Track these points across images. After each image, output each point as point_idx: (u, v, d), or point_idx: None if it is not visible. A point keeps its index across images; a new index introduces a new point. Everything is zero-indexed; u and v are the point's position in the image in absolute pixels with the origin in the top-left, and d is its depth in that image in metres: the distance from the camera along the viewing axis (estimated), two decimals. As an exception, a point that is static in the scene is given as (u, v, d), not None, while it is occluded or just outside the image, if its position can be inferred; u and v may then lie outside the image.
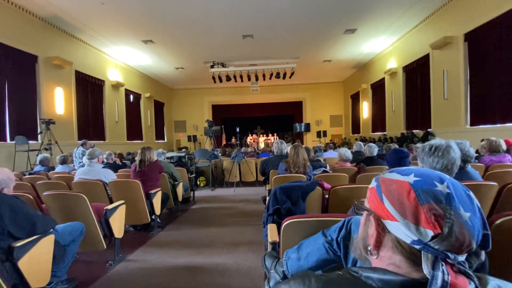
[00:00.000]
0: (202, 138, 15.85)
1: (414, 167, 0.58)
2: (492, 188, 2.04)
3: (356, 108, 14.49)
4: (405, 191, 0.52)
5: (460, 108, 6.89)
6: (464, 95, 6.78)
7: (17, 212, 1.70)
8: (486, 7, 5.88)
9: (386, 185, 0.55)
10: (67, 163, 4.96)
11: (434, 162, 1.33)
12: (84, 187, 3.06)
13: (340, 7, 7.38)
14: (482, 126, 6.37)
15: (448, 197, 0.49)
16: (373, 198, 0.57)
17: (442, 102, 7.54)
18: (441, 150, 1.32)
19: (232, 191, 6.09)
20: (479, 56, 6.39)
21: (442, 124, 7.66)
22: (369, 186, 0.61)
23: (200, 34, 8.86)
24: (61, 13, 7.22)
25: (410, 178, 0.53)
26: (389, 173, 0.58)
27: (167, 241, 3.15)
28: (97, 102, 9.80)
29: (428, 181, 0.52)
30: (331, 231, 1.13)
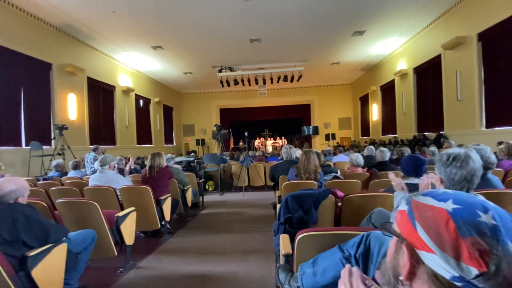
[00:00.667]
0: (210, 141, 15.94)
1: (451, 191, 0.52)
2: (514, 196, 1.95)
3: (365, 111, 14.28)
4: (443, 220, 0.46)
5: (474, 110, 6.69)
6: (478, 96, 6.58)
7: (32, 221, 1.71)
8: (500, 6, 5.71)
9: (420, 211, 0.50)
10: (79, 168, 5.04)
11: (452, 173, 1.26)
12: (96, 193, 3.09)
13: (348, 10, 7.32)
14: (498, 128, 6.16)
15: (494, 229, 0.44)
16: (404, 224, 0.52)
17: (456, 103, 7.34)
18: (459, 160, 1.24)
19: (241, 196, 6.06)
20: (493, 56, 6.20)
21: (455, 126, 7.45)
22: (399, 207, 0.56)
23: (208, 39, 8.93)
24: (74, 22, 7.41)
25: (448, 205, 0.48)
26: (423, 196, 0.53)
27: (177, 247, 3.14)
28: (108, 108, 9.99)
29: (470, 210, 0.46)
30: (349, 246, 1.08)
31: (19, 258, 1.66)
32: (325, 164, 3.76)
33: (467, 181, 1.25)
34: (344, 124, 16.27)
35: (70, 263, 1.96)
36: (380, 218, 1.84)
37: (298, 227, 2.04)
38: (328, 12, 7.41)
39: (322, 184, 2.94)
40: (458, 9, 7.09)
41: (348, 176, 3.40)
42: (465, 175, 1.24)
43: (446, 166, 1.30)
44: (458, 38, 6.87)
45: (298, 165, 3.02)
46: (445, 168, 1.30)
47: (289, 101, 16.51)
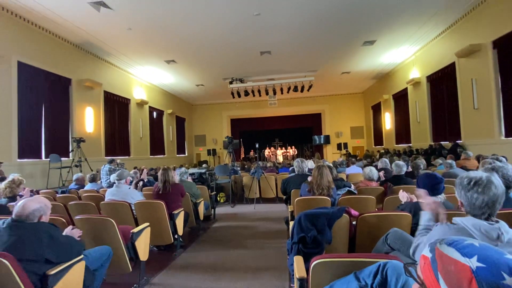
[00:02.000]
0: (221, 151, 16.07)
1: (477, 243, 0.51)
2: (540, 216, 1.85)
3: (377, 119, 14.07)
4: (466, 278, 0.46)
5: (492, 118, 6.47)
6: (496, 104, 6.37)
7: (55, 239, 1.78)
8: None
9: (443, 263, 0.50)
10: (96, 181, 5.19)
11: (473, 198, 1.22)
12: (111, 208, 3.17)
13: (358, 20, 7.35)
14: (519, 138, 5.92)
15: None
16: (427, 272, 0.52)
17: (472, 112, 7.13)
18: (481, 185, 1.20)
19: (252, 208, 6.04)
20: (510, 63, 6.03)
21: (473, 135, 7.21)
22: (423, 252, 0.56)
23: (219, 52, 9.15)
24: (92, 39, 7.79)
25: (473, 263, 0.47)
26: (448, 246, 0.52)
27: (190, 263, 3.15)
28: (123, 120, 10.31)
29: (495, 271, 0.46)
30: (365, 275, 1.07)
31: (41, 276, 1.71)
32: (338, 178, 3.71)
33: (488, 207, 1.21)
34: (357, 133, 16.06)
35: (87, 280, 2.01)
36: (396, 239, 1.80)
37: (312, 247, 2.01)
38: (337, 23, 7.47)
39: (336, 200, 2.90)
40: (470, 17, 6.99)
41: (362, 191, 3.34)
42: (486, 201, 1.20)
43: (467, 190, 1.26)
44: (472, 46, 6.74)
45: (311, 180, 2.99)
46: (466, 192, 1.26)
47: (300, 111, 16.51)
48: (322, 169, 2.85)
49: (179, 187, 3.57)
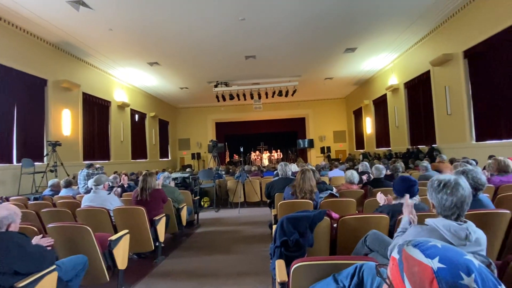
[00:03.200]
0: (206, 155, 15.90)
1: (440, 244, 0.54)
2: (504, 216, 1.99)
3: (359, 124, 14.50)
4: (428, 279, 0.48)
5: (464, 124, 6.85)
6: (467, 111, 6.77)
7: (25, 250, 1.68)
8: (484, 25, 5.99)
9: (408, 264, 0.52)
10: (72, 186, 4.96)
11: (443, 199, 1.29)
12: (88, 214, 3.04)
13: (340, 28, 7.58)
14: (488, 142, 6.30)
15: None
16: (395, 274, 0.54)
17: (446, 117, 7.52)
18: (449, 187, 1.28)
19: (236, 212, 6.00)
20: (480, 72, 6.43)
21: (447, 139, 7.60)
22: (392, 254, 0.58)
23: (204, 55, 9.11)
24: (71, 39, 7.51)
25: (435, 264, 0.50)
26: (413, 248, 0.55)
27: (171, 270, 3.07)
28: (103, 123, 9.96)
29: (454, 271, 0.48)
30: (343, 277, 1.09)
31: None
32: (320, 181, 3.77)
33: (457, 208, 1.28)
34: (339, 137, 16.45)
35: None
36: (374, 241, 1.86)
37: (294, 250, 2.03)
38: (320, 30, 7.67)
39: (318, 204, 2.95)
40: (444, 28, 7.41)
41: (343, 194, 3.41)
42: (455, 202, 1.27)
43: (437, 192, 1.33)
44: (445, 55, 7.14)
45: (294, 183, 3.02)
46: (436, 194, 1.34)
47: (284, 115, 16.70)
48: (306, 173, 2.89)
49: (160, 192, 3.46)
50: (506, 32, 5.55)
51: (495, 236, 1.98)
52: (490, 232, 1.87)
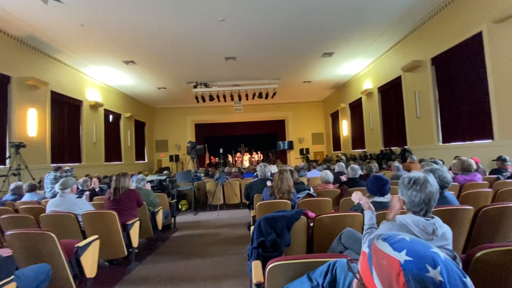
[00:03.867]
0: (185, 157, 15.56)
1: (408, 238, 0.55)
2: (468, 212, 2.11)
3: (336, 126, 14.94)
4: (395, 272, 0.49)
5: (432, 127, 7.29)
6: (435, 114, 7.20)
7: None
8: (450, 34, 6.43)
9: (377, 258, 0.53)
10: (36, 190, 4.62)
11: (412, 195, 1.36)
12: (54, 220, 2.84)
13: (318, 32, 7.78)
14: (453, 143, 6.74)
15: (440, 287, 0.46)
16: (364, 267, 0.54)
17: (416, 120, 7.95)
18: (419, 184, 1.35)
19: (215, 215, 5.91)
20: (445, 78, 6.89)
21: (417, 141, 8.03)
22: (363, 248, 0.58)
23: (183, 55, 8.93)
24: (38, 34, 7.04)
25: (402, 257, 0.50)
26: (382, 241, 0.55)
27: (145, 276, 2.94)
28: (73, 123, 9.42)
29: (420, 264, 0.48)
30: (317, 275, 1.09)
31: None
32: (298, 182, 3.82)
33: (425, 204, 1.34)
34: (317, 139, 16.84)
35: (18, 304, 1.75)
36: (349, 238, 1.90)
37: (271, 251, 2.02)
38: (299, 34, 7.82)
39: (296, 204, 2.97)
40: (414, 36, 7.85)
41: (320, 194, 3.48)
42: (423, 198, 1.34)
43: (407, 189, 1.39)
44: (415, 62, 7.57)
45: (272, 184, 3.03)
46: (407, 190, 1.40)
47: (265, 117, 16.81)
48: (283, 174, 2.91)
49: (134, 193, 3.32)
50: (467, 42, 6.00)
51: (460, 231, 2.10)
52: (456, 227, 1.98)
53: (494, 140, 5.47)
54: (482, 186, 3.24)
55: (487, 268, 1.24)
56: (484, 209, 2.12)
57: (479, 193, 2.89)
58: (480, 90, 5.78)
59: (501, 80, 5.23)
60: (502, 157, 4.47)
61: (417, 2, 6.51)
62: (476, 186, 3.25)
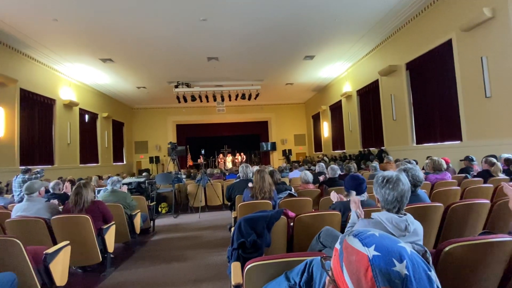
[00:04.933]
0: (166, 159, 15.19)
1: (378, 233, 0.56)
2: (438, 209, 2.22)
3: (317, 128, 15.24)
4: (363, 267, 0.49)
5: (406, 128, 7.63)
6: (409, 117, 7.55)
7: None
8: (423, 41, 6.77)
9: (347, 254, 0.53)
10: (2, 194, 4.31)
11: (386, 194, 1.40)
12: (21, 226, 2.65)
13: (300, 36, 7.91)
14: (426, 144, 7.10)
15: (406, 280, 0.47)
16: (336, 264, 0.54)
17: (392, 122, 8.29)
18: (391, 183, 1.39)
19: (197, 217, 5.81)
20: (418, 82, 7.25)
21: (393, 142, 8.37)
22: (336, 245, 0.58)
23: (163, 54, 8.73)
24: (6, 27, 6.60)
25: (370, 252, 0.50)
26: (353, 237, 0.56)
27: (121, 282, 2.82)
28: (45, 123, 8.90)
29: (387, 258, 0.49)
30: (294, 274, 1.09)
31: None
32: (280, 182, 3.84)
33: (398, 202, 1.39)
34: (299, 140, 17.08)
35: (-23, 318, 1.61)
36: (327, 237, 1.93)
37: (252, 251, 2.01)
38: (281, 36, 7.91)
39: (277, 203, 2.98)
40: (390, 41, 8.20)
41: (301, 194, 3.52)
42: (396, 196, 1.39)
43: (381, 187, 1.44)
44: (391, 66, 7.90)
45: (253, 185, 3.02)
46: (381, 189, 1.44)
47: (248, 118, 16.81)
48: (263, 173, 2.92)
49: (99, 206, 2.96)
50: (438, 49, 6.35)
51: (431, 227, 2.20)
52: (427, 223, 2.08)
53: (462, 141, 5.82)
54: (451, 185, 3.42)
55: (455, 261, 1.31)
56: (453, 206, 2.23)
57: (448, 191, 3.05)
58: (450, 94, 6.14)
59: (468, 85, 5.58)
60: (469, 157, 4.76)
61: (393, 9, 6.80)
62: (446, 185, 3.43)
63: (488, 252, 1.33)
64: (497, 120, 4.99)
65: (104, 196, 3.68)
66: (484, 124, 5.28)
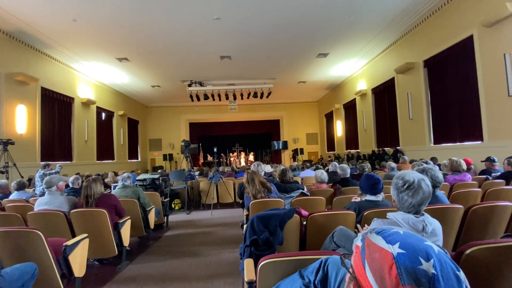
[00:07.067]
0: (179, 156, 15.44)
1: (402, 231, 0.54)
2: (458, 211, 2.14)
3: (330, 127, 15.03)
4: (388, 265, 0.48)
5: (424, 128, 7.39)
6: (426, 116, 7.31)
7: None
8: (442, 37, 6.53)
9: (370, 251, 0.52)
10: (25, 188, 4.51)
11: (403, 199, 1.35)
12: (42, 219, 2.77)
13: (313, 33, 7.81)
14: (444, 144, 6.85)
15: (433, 280, 0.45)
16: (357, 261, 0.53)
17: (408, 122, 8.05)
18: (412, 190, 1.32)
19: (209, 214, 5.88)
20: (437, 80, 7.00)
21: (409, 142, 8.14)
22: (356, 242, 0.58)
23: (177, 54, 8.86)
24: (28, 28, 6.88)
25: (395, 249, 0.49)
26: (376, 235, 0.54)
27: (136, 276, 2.90)
28: (64, 120, 9.25)
29: (413, 256, 0.48)
30: (308, 272, 1.08)
31: None
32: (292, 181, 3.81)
33: (414, 208, 1.34)
34: (312, 139, 16.91)
35: (3, 304, 1.70)
36: (341, 236, 1.90)
37: (264, 249, 2.01)
38: (295, 34, 7.83)
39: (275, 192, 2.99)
40: (407, 38, 7.95)
41: (314, 193, 3.48)
42: (413, 204, 1.33)
43: (400, 191, 1.38)
44: (408, 64, 7.66)
45: (247, 190, 3.01)
46: (399, 193, 1.38)
47: (259, 117, 16.80)
48: (252, 175, 2.92)
49: (110, 198, 3.05)
50: (458, 45, 6.10)
51: (450, 229, 2.13)
52: (446, 226, 2.00)
53: (483, 141, 5.58)
54: (472, 186, 3.29)
55: (476, 264, 1.26)
56: (473, 208, 2.15)
57: (468, 193, 2.93)
58: (470, 92, 5.89)
59: (490, 83, 5.34)
60: (491, 158, 4.55)
61: (410, 5, 6.59)
62: (466, 186, 3.30)
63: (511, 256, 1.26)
64: (522, 119, 4.75)
65: (115, 192, 3.78)
66: (507, 124, 5.03)
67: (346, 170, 3.83)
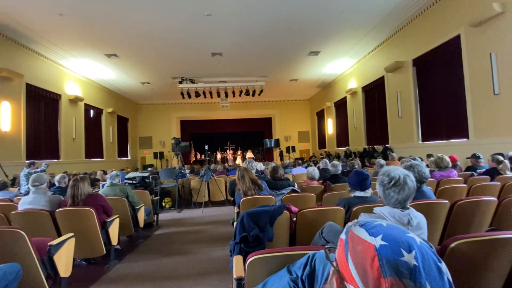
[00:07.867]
0: (170, 154, 15.28)
1: (385, 224, 0.54)
2: (444, 205, 2.19)
3: (321, 125, 15.15)
4: (370, 257, 0.48)
5: (412, 125, 7.53)
6: (415, 114, 7.45)
7: None
8: (430, 36, 6.65)
9: (353, 244, 0.52)
10: (8, 188, 4.37)
11: (389, 196, 1.37)
12: (26, 218, 2.69)
13: (305, 31, 7.82)
14: (432, 142, 7.01)
15: (414, 271, 0.45)
16: (341, 254, 0.53)
17: (397, 119, 8.19)
18: (398, 186, 1.34)
19: (200, 212, 5.84)
20: (425, 79, 7.13)
21: (398, 140, 8.28)
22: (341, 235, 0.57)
23: (168, 50, 8.72)
24: (12, 22, 6.64)
25: (377, 241, 0.49)
26: (359, 227, 0.54)
27: (124, 275, 2.85)
28: (51, 118, 9.00)
29: (395, 248, 0.47)
30: (296, 267, 1.08)
31: None
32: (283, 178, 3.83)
33: (400, 203, 1.36)
34: (303, 137, 17.02)
35: (-17, 307, 1.64)
36: (330, 232, 1.91)
37: (254, 245, 2.01)
38: (286, 32, 7.83)
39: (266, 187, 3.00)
40: (397, 37, 8.07)
41: (305, 189, 3.50)
42: (399, 200, 1.35)
43: (386, 188, 1.39)
44: (397, 63, 7.78)
45: (238, 187, 3.01)
46: (385, 190, 1.40)
47: (251, 114, 16.77)
48: (242, 172, 2.92)
49: (97, 198, 2.97)
50: (446, 45, 6.23)
51: (437, 223, 2.18)
52: (432, 220, 2.05)
53: (469, 139, 5.73)
54: (457, 182, 3.38)
55: (461, 257, 1.29)
56: (458, 203, 2.20)
57: (454, 188, 3.00)
58: (457, 91, 6.03)
59: (476, 82, 5.48)
60: (476, 155, 4.68)
61: (400, 5, 6.68)
62: (452, 182, 3.38)
63: (494, 248, 1.30)
64: (506, 117, 4.89)
65: (104, 191, 3.71)
66: (492, 122, 5.18)
67: (337, 166, 3.87)
